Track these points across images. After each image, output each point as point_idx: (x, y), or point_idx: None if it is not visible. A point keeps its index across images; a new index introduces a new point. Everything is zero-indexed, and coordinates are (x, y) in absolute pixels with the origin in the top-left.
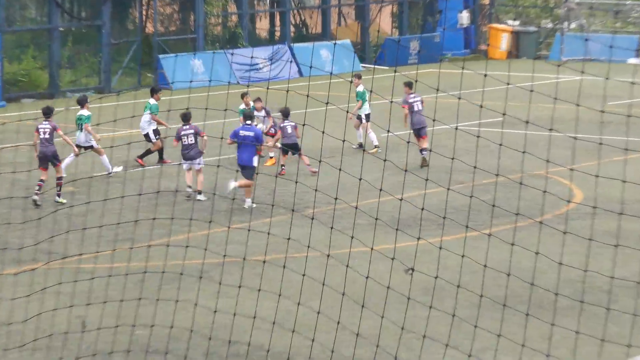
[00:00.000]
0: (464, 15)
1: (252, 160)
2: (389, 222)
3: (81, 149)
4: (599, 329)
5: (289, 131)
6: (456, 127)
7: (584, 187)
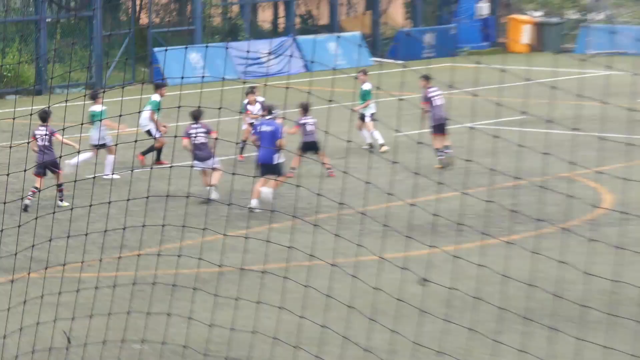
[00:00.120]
0: (482, 6)
1: (273, 158)
2: (403, 229)
3: (87, 148)
4: (632, 344)
5: (308, 129)
6: (472, 126)
7: (613, 191)
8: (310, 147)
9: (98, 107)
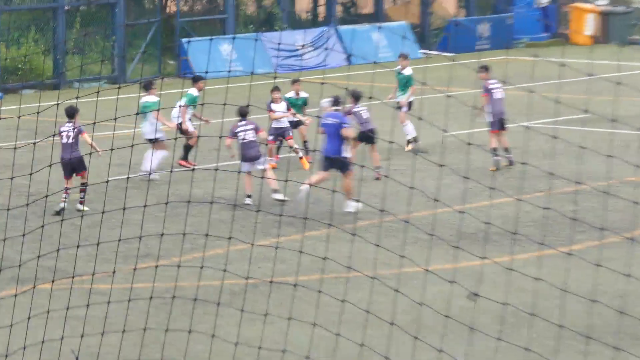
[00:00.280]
0: None
1: (341, 151)
2: (452, 238)
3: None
4: None
5: (364, 116)
6: (528, 125)
7: None
8: (367, 138)
9: (152, 98)
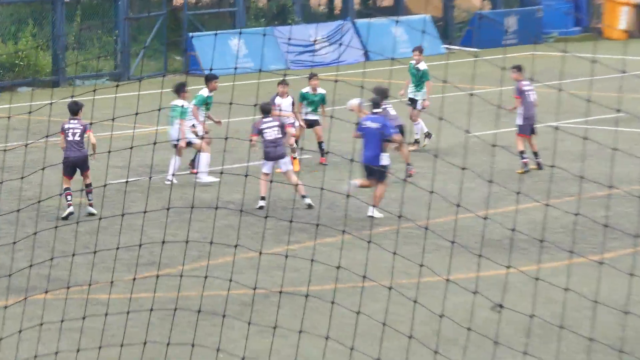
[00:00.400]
0: None
1: (380, 158)
2: (477, 245)
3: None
4: None
5: (392, 113)
6: (557, 125)
7: None
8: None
9: (180, 102)
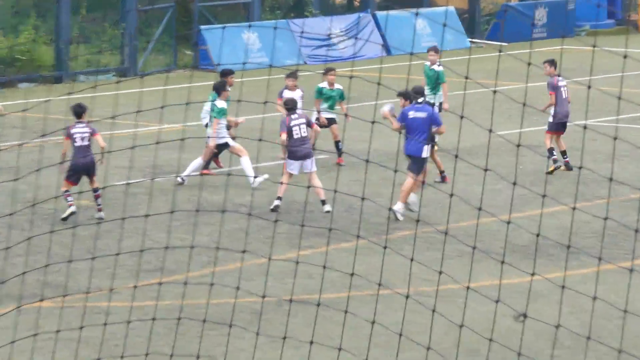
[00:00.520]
0: None
1: (422, 150)
2: (502, 250)
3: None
4: None
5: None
6: (586, 124)
7: None
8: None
9: (219, 103)
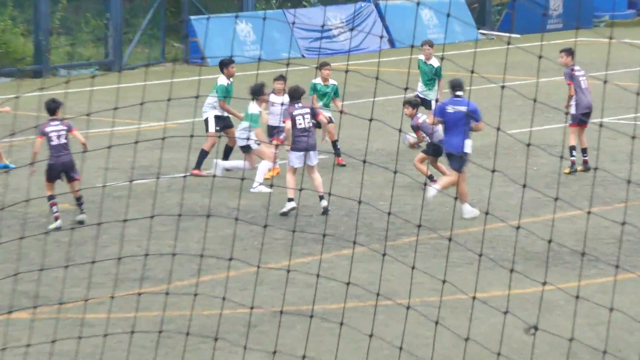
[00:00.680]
0: None
1: (464, 146)
2: (517, 258)
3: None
4: None
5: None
6: (602, 122)
7: None
8: (437, 149)
9: (256, 109)
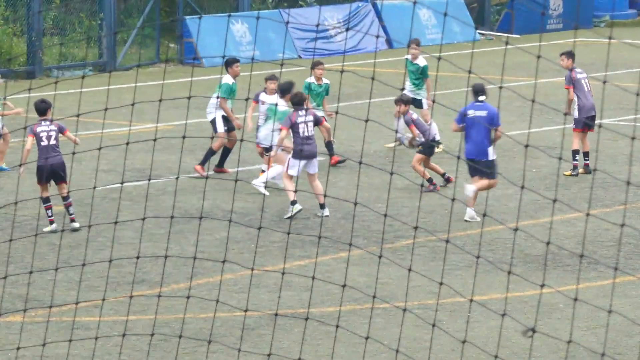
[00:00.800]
0: None
1: (487, 152)
2: (516, 260)
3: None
4: None
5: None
6: (601, 123)
7: None
8: (430, 148)
9: (283, 106)
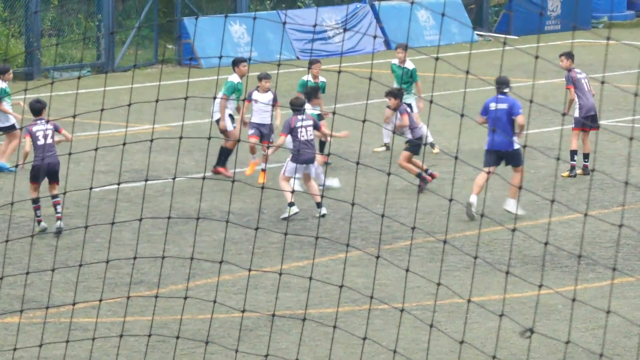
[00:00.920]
0: None
1: (512, 143)
2: (514, 262)
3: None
4: None
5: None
6: (598, 125)
7: None
8: (416, 147)
9: (310, 110)
